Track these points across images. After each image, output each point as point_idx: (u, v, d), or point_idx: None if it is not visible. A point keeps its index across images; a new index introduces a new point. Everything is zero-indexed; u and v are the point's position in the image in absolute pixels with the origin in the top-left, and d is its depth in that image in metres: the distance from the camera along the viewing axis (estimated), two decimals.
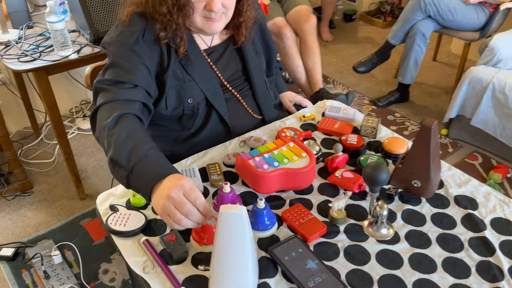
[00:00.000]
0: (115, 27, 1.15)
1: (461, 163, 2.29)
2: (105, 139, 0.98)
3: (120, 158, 0.92)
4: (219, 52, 1.27)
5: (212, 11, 1.10)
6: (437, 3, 2.44)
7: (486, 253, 0.92)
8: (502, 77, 2.17)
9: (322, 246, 0.95)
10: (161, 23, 1.11)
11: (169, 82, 1.16)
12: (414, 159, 1.04)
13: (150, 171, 0.89)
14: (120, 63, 1.09)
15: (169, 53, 1.15)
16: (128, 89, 1.07)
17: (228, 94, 1.29)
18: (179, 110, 1.21)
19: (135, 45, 1.10)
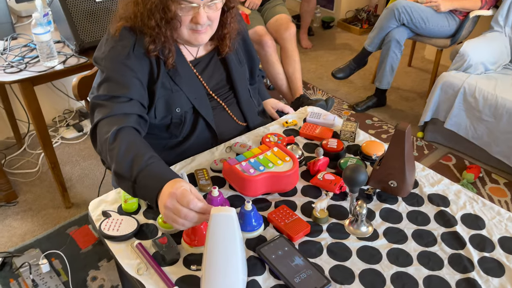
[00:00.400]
0: (105, 41, 1.19)
1: (436, 164, 2.39)
2: (107, 153, 1.03)
3: (122, 170, 0.98)
4: (205, 63, 1.32)
5: (199, 24, 1.16)
6: (410, 11, 2.55)
7: (457, 247, 1.00)
8: (472, 82, 2.28)
9: (306, 244, 1.01)
10: (150, 36, 1.16)
11: (158, 93, 1.21)
12: (390, 161, 1.11)
13: (151, 180, 0.95)
14: (114, 78, 1.14)
15: (158, 64, 1.20)
16: (123, 103, 1.11)
17: (214, 102, 1.34)
18: (168, 119, 1.25)
19: (127, 59, 1.15)
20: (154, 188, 0.93)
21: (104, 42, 1.20)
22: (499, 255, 0.97)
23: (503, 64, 2.50)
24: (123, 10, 1.20)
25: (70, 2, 1.70)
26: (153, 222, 1.06)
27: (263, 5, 2.81)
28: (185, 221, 0.88)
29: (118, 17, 1.20)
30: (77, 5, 1.71)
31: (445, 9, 2.56)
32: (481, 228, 1.05)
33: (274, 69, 2.60)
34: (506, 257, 0.97)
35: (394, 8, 2.56)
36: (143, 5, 1.14)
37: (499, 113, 2.19)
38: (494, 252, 0.98)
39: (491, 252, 0.98)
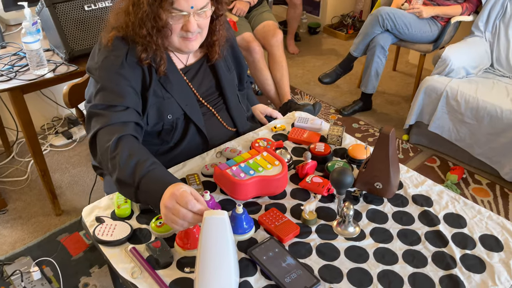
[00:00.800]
0: (98, 51, 1.22)
1: (421, 166, 2.45)
2: (108, 162, 1.06)
3: (125, 177, 1.01)
4: (195, 70, 1.35)
5: (189, 31, 1.19)
6: (394, 18, 2.61)
7: (440, 245, 1.04)
8: (454, 86, 2.35)
9: (296, 245, 1.04)
10: (142, 45, 1.19)
11: (150, 100, 1.23)
12: (375, 163, 1.15)
13: (153, 185, 0.98)
14: (110, 87, 1.16)
15: (150, 72, 1.23)
16: (121, 111, 1.14)
17: (204, 108, 1.37)
18: (159, 126, 1.28)
19: (121, 69, 1.17)
20: (157, 192, 0.96)
21: (96, 52, 1.22)
22: (480, 252, 1.02)
23: (483, 68, 2.58)
24: (114, 20, 1.22)
25: (59, 11, 1.71)
26: (146, 226, 1.09)
27: (250, 12, 2.86)
28: (183, 222, 0.90)
29: (109, 27, 1.23)
30: (66, 14, 1.73)
31: (427, 15, 2.63)
32: (462, 226, 1.09)
33: (262, 75, 2.64)
34: (487, 254, 1.01)
35: (378, 15, 2.63)
36: (134, 14, 1.17)
37: (480, 116, 2.26)
38: (475, 249, 1.03)
39: (472, 250, 1.02)
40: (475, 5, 2.67)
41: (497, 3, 2.56)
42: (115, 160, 1.05)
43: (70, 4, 1.73)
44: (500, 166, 2.25)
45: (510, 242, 1.04)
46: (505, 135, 2.20)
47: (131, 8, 1.17)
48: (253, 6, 2.81)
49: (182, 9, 1.15)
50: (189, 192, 0.92)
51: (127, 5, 1.19)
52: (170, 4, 1.14)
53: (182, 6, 1.14)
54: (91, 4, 1.77)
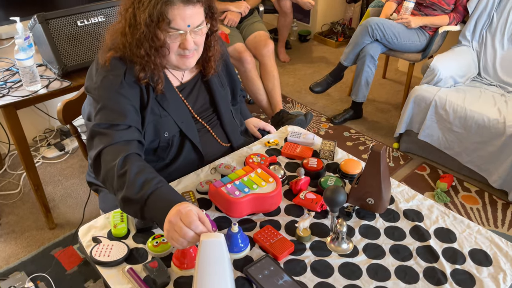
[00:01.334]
0: (95, 71, 1.23)
1: (411, 174, 2.49)
2: (114, 180, 1.07)
3: (132, 194, 1.02)
4: (190, 87, 1.37)
5: (186, 49, 1.22)
6: (383, 28, 2.66)
7: (431, 260, 1.07)
8: (442, 95, 2.40)
9: (291, 263, 1.06)
10: (139, 64, 1.21)
11: (148, 118, 1.25)
12: (367, 179, 1.18)
13: (161, 202, 1.00)
14: (111, 106, 1.18)
15: (147, 91, 1.25)
16: (123, 130, 1.16)
17: (198, 125, 1.39)
18: (155, 143, 1.30)
19: (121, 88, 1.19)
20: (164, 208, 0.97)
21: (94, 72, 1.24)
22: (470, 267, 1.05)
23: (471, 76, 2.63)
24: (111, 41, 1.24)
25: (52, 27, 1.72)
26: (143, 246, 1.10)
27: (241, 22, 2.88)
28: (183, 240, 0.92)
29: (106, 48, 1.24)
30: (59, 30, 1.74)
31: (415, 25, 2.68)
32: (452, 241, 1.12)
33: (254, 85, 2.67)
34: (476, 269, 1.04)
35: (367, 25, 2.67)
36: (131, 35, 1.18)
37: (468, 125, 2.30)
38: (465, 264, 1.06)
39: (462, 264, 1.05)
40: (462, 15, 2.72)
41: (484, 13, 2.61)
42: (124, 178, 1.05)
43: (63, 20, 1.73)
44: (488, 173, 2.30)
45: (498, 256, 1.07)
46: (492, 143, 2.24)
47: (128, 29, 1.19)
48: (244, 16, 2.84)
49: (179, 28, 1.17)
50: (195, 213, 0.93)
51: (123, 26, 1.20)
52: (167, 24, 1.16)
53: (179, 25, 1.17)
54: (83, 20, 1.78)
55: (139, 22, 1.16)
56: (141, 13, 1.15)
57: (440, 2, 2.68)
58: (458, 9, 2.70)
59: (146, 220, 1.06)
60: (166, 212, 0.96)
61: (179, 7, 1.15)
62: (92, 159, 1.15)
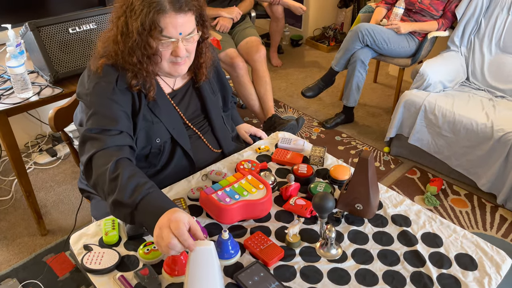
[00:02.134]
0: (87, 78, 1.24)
1: (402, 178, 2.52)
2: (105, 184, 1.08)
3: (123, 198, 1.03)
4: (181, 94, 1.39)
5: (178, 56, 1.24)
6: (373, 33, 2.69)
7: (418, 264, 1.09)
8: (432, 100, 2.43)
9: (281, 269, 1.07)
10: (132, 72, 1.23)
11: (140, 124, 1.27)
12: (356, 185, 1.20)
13: (152, 207, 1.01)
14: (103, 111, 1.19)
15: (139, 98, 1.27)
16: (115, 135, 1.17)
17: (190, 131, 1.41)
18: (147, 149, 1.31)
19: (113, 94, 1.21)
20: (156, 214, 0.98)
21: (86, 79, 1.25)
22: (456, 271, 1.07)
23: (460, 81, 2.67)
24: (103, 48, 1.25)
25: (44, 34, 1.73)
26: (134, 253, 1.11)
27: (233, 28, 2.90)
28: (170, 250, 0.93)
29: (98, 55, 1.25)
30: (50, 37, 1.74)
31: (405, 31, 2.72)
32: (439, 246, 1.14)
33: (246, 90, 2.69)
34: (462, 273, 1.06)
35: (358, 31, 2.70)
36: (124, 43, 1.20)
37: (457, 129, 2.33)
38: (451, 268, 1.08)
39: (448, 269, 1.08)
40: (450, 21, 2.76)
41: (472, 19, 2.66)
42: (116, 182, 1.06)
43: (55, 27, 1.74)
44: (477, 177, 2.33)
45: (484, 260, 1.09)
46: (480, 147, 2.28)
47: (120, 37, 1.20)
48: (236, 22, 2.86)
49: (171, 36, 1.19)
50: (185, 223, 0.94)
51: (115, 34, 1.22)
52: (159, 32, 1.17)
53: (171, 33, 1.18)
54: (75, 27, 1.79)
55: (132, 30, 1.17)
56: (133, 21, 1.16)
57: (429, 8, 2.72)
58: (446, 15, 2.74)
59: (136, 224, 1.07)
60: (156, 218, 0.97)
61: (171, 15, 1.16)
62: (83, 163, 1.15)
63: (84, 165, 1.16)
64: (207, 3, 2.78)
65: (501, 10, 2.58)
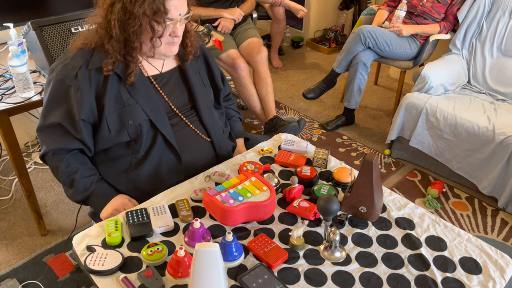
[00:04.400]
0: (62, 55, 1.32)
1: (403, 181, 2.51)
2: (61, 181, 1.35)
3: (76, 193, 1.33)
4: (166, 78, 1.40)
5: (177, 36, 1.27)
6: (375, 36, 2.69)
7: (423, 268, 1.09)
8: (433, 103, 2.43)
9: (285, 271, 1.07)
10: (113, 58, 1.25)
11: (109, 107, 1.28)
12: (360, 188, 1.20)
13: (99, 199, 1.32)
14: (61, 118, 1.31)
15: (109, 79, 1.28)
16: (70, 141, 1.32)
17: (176, 119, 1.40)
18: (124, 134, 1.32)
19: (71, 87, 1.26)
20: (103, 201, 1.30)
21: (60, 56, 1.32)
22: (460, 275, 1.07)
23: (461, 84, 2.67)
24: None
25: (46, 34, 1.72)
26: (137, 254, 1.10)
27: (235, 29, 2.90)
28: None
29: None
30: (53, 36, 1.74)
31: (406, 33, 2.72)
32: (443, 249, 1.14)
33: (248, 92, 2.68)
34: (466, 277, 1.06)
35: (360, 33, 2.70)
36: (120, 30, 1.21)
37: (458, 132, 2.33)
38: (455, 272, 1.08)
39: (452, 272, 1.07)
40: (452, 24, 2.76)
41: (474, 22, 2.66)
42: (69, 179, 1.32)
43: (57, 27, 1.73)
44: (478, 180, 2.33)
45: (488, 264, 1.09)
46: (482, 151, 2.28)
47: (115, 24, 1.20)
48: (238, 23, 2.86)
49: (173, 18, 1.23)
50: None
51: (107, 21, 1.22)
52: (164, 14, 1.20)
53: (173, 15, 1.22)
54: (77, 27, 1.78)
55: (136, 16, 1.18)
56: (138, 7, 1.17)
57: (431, 11, 2.72)
58: (448, 18, 2.75)
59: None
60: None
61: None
62: (39, 156, 1.37)
63: (40, 158, 1.37)
64: (209, 4, 2.78)
65: (503, 13, 2.59)
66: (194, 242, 1.10)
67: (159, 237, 1.16)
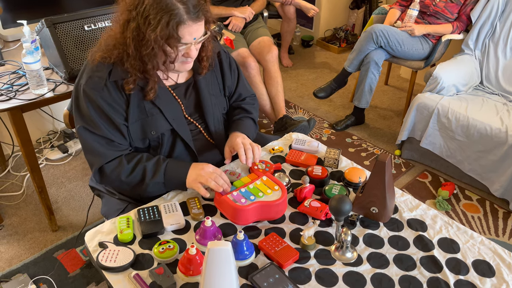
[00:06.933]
0: (83, 68, 1.31)
1: (413, 182, 2.50)
2: (129, 184, 1.29)
3: (149, 179, 1.27)
4: (184, 89, 1.40)
5: (190, 57, 1.24)
6: (387, 35, 2.67)
7: (435, 270, 1.08)
8: (445, 103, 2.41)
9: (296, 271, 1.07)
10: (134, 76, 1.23)
11: (133, 116, 1.28)
12: (372, 189, 1.19)
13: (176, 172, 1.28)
14: (98, 125, 1.27)
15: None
16: (114, 147, 1.29)
17: (192, 126, 1.41)
18: (145, 142, 1.33)
19: (104, 95, 1.24)
20: (180, 178, 1.26)
21: (82, 69, 1.30)
22: (473, 278, 1.05)
23: (473, 85, 2.65)
24: (105, 46, 1.25)
25: (60, 31, 1.73)
26: (149, 252, 1.11)
27: (245, 28, 2.90)
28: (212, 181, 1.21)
29: (98, 49, 1.26)
30: (66, 34, 1.75)
31: (419, 33, 2.69)
32: (456, 251, 1.13)
33: (258, 90, 2.68)
34: (480, 280, 1.05)
35: (372, 32, 2.68)
36: (135, 50, 1.19)
37: (470, 133, 2.31)
38: (468, 274, 1.07)
39: (465, 275, 1.06)
40: (465, 24, 2.74)
41: (487, 22, 2.63)
42: (136, 175, 1.27)
43: (71, 24, 1.75)
44: (490, 182, 2.31)
45: (501, 267, 1.08)
46: (494, 152, 2.25)
47: (131, 42, 1.18)
48: (248, 21, 2.85)
49: (186, 42, 1.20)
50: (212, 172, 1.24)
51: (123, 37, 1.20)
52: (177, 41, 1.18)
53: (187, 40, 1.20)
54: (91, 24, 1.79)
55: (148, 39, 1.16)
56: (150, 32, 1.15)
57: (444, 11, 2.70)
58: (461, 18, 2.72)
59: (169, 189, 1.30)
60: (184, 180, 1.26)
61: (189, 24, 1.17)
62: (93, 172, 1.30)
63: (94, 174, 1.29)
64: (220, 2, 2.78)
65: None
66: (205, 241, 1.10)
67: (171, 234, 1.16)
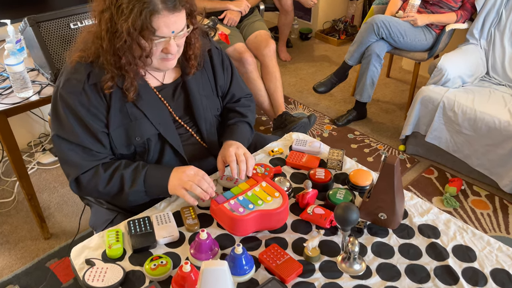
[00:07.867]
0: (62, 70, 1.21)
1: (419, 178, 2.41)
2: (107, 194, 1.21)
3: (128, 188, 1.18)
4: (171, 89, 1.30)
5: (169, 53, 1.14)
6: (389, 26, 2.57)
7: (451, 282, 0.99)
8: (451, 96, 2.32)
9: (299, 286, 0.98)
10: (111, 73, 1.13)
11: (114, 122, 1.19)
12: (380, 193, 1.10)
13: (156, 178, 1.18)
14: (77, 133, 1.18)
15: (115, 94, 1.18)
16: (92, 156, 1.20)
17: (182, 129, 1.31)
18: (130, 149, 1.23)
19: (82, 100, 1.15)
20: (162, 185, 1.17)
21: (61, 71, 1.21)
22: None
23: (479, 76, 2.55)
24: (82, 43, 1.16)
25: (44, 30, 1.64)
26: (140, 268, 1.02)
27: (241, 22, 2.80)
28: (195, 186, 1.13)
29: (76, 49, 1.17)
30: (51, 33, 1.65)
31: (422, 23, 2.59)
32: (472, 260, 1.04)
33: (255, 87, 2.58)
34: None
35: (373, 23, 2.58)
36: (109, 42, 1.09)
37: (478, 127, 2.22)
38: (487, 285, 0.98)
39: (484, 286, 0.98)
40: (469, 13, 2.63)
41: (492, 10, 2.53)
42: (115, 184, 1.18)
43: (55, 22, 1.65)
44: (499, 177, 2.22)
45: None
46: (503, 146, 2.16)
47: (105, 34, 1.08)
48: (244, 15, 2.75)
49: (164, 35, 1.10)
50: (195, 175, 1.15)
51: (98, 30, 1.11)
52: (152, 33, 1.07)
53: (164, 33, 1.09)
54: (77, 22, 1.69)
55: (121, 31, 1.06)
56: (122, 22, 1.05)
57: (447, 0, 2.59)
58: (465, 6, 2.62)
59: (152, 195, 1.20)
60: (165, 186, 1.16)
61: (164, 15, 1.06)
62: (70, 183, 1.22)
63: (71, 185, 1.21)
64: None
65: None
66: (201, 255, 1.02)
67: (163, 248, 1.08)
